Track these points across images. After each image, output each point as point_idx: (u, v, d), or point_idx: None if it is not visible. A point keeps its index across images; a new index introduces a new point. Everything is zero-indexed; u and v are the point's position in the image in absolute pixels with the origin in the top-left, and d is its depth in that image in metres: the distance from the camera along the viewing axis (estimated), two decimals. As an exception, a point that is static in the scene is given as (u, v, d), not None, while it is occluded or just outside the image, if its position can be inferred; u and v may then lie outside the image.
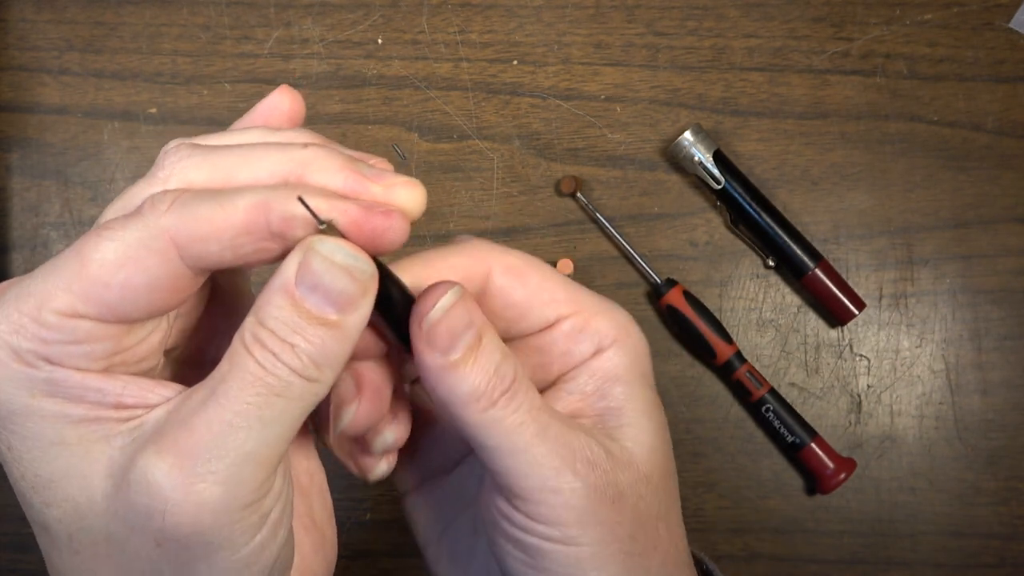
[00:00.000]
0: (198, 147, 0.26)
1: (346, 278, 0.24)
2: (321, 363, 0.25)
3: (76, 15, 0.57)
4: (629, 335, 0.31)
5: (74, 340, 0.24)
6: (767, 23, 0.57)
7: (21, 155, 0.56)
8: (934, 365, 0.56)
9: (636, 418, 0.30)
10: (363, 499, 0.55)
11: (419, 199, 0.26)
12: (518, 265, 0.30)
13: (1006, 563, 0.55)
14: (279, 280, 0.24)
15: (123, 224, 0.24)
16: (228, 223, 0.24)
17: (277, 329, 0.24)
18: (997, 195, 0.56)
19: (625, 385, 0.30)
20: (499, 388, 0.27)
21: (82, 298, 0.24)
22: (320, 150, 0.26)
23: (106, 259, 0.24)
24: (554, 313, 0.30)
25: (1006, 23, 0.57)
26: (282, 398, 0.24)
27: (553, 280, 0.31)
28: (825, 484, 0.53)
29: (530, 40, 0.57)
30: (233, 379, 0.24)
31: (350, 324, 0.25)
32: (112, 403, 0.25)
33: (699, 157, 0.54)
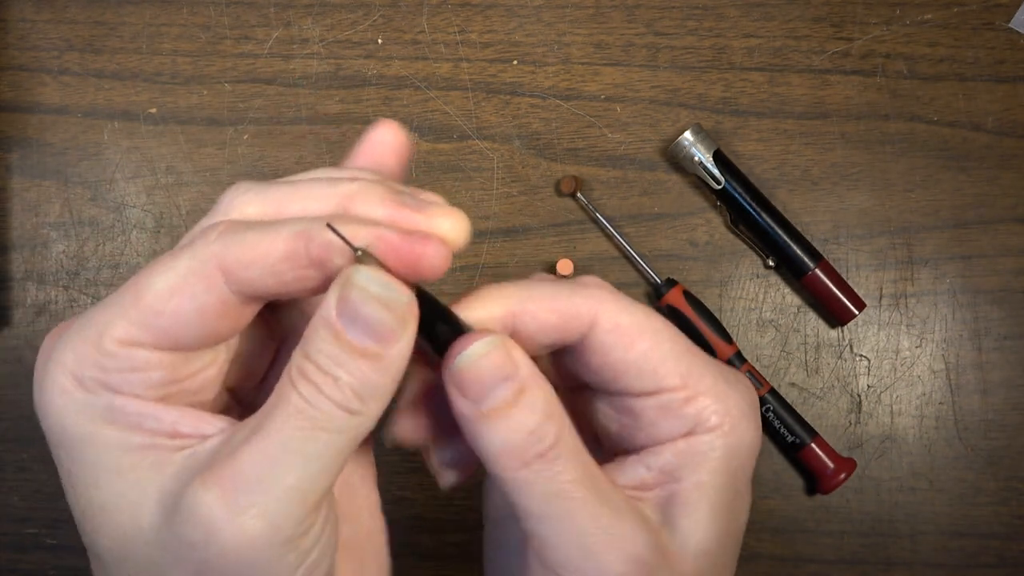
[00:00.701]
0: (255, 184, 0.27)
1: (383, 309, 0.24)
2: (364, 395, 0.25)
3: (76, 15, 0.57)
4: (733, 427, 0.29)
5: (132, 368, 0.25)
6: (767, 23, 0.57)
7: (21, 155, 0.56)
8: (934, 365, 0.56)
9: (701, 517, 0.28)
10: (363, 499, 0.55)
11: (461, 228, 0.26)
12: (628, 327, 0.29)
13: (1006, 563, 0.55)
14: (322, 312, 0.25)
15: (175, 255, 0.25)
16: (270, 250, 0.25)
17: (321, 362, 0.24)
18: (997, 195, 0.56)
19: (704, 476, 0.28)
20: (534, 450, 0.26)
21: (138, 326, 0.25)
22: (366, 183, 0.26)
23: (158, 288, 0.25)
24: (655, 384, 0.29)
25: (1006, 23, 0.57)
26: (325, 432, 0.24)
27: (665, 349, 0.29)
28: (825, 484, 0.53)
29: (530, 40, 0.57)
30: (278, 412, 0.24)
31: (392, 356, 0.25)
32: (167, 431, 0.26)
33: (699, 157, 0.54)
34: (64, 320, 0.27)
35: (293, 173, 0.59)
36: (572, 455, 0.27)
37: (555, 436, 0.26)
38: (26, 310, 0.56)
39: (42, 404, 0.25)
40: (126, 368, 0.25)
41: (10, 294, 0.56)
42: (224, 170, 0.56)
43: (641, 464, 0.29)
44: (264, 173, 0.56)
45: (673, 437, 0.29)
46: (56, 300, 0.56)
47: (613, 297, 0.29)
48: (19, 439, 0.55)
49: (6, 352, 0.55)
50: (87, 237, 0.56)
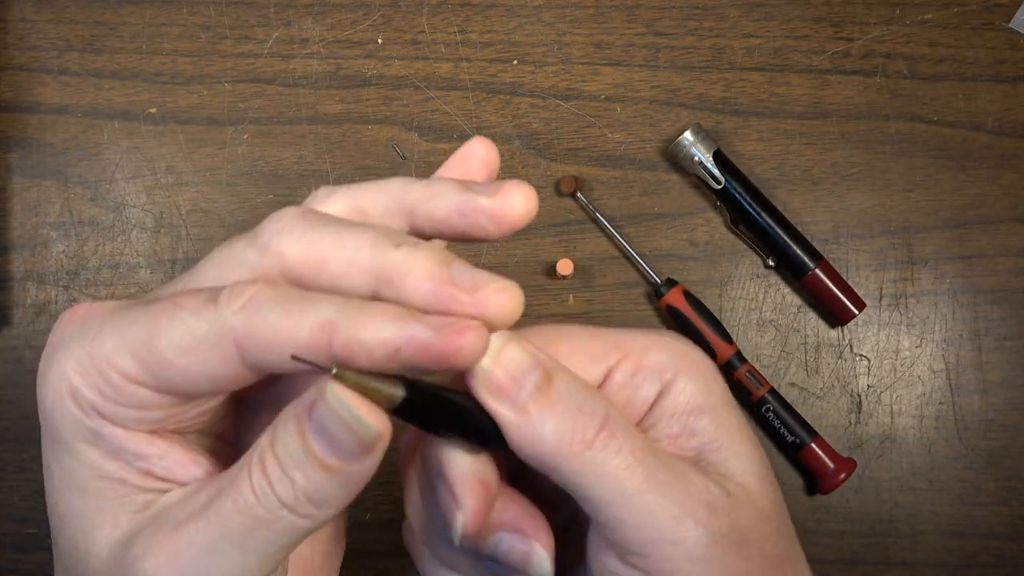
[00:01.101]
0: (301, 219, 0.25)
1: (349, 435, 0.23)
2: (317, 501, 0.24)
3: (76, 15, 0.57)
4: (691, 361, 0.28)
5: (130, 404, 0.25)
6: (767, 23, 0.57)
7: (21, 155, 0.56)
8: (934, 365, 0.56)
9: (737, 447, 0.27)
10: (363, 499, 0.54)
11: (513, 308, 0.24)
12: (539, 342, 0.27)
13: (1006, 563, 0.55)
14: (297, 409, 0.24)
15: (198, 310, 0.24)
16: (291, 338, 0.24)
17: (282, 458, 0.24)
18: (997, 195, 0.56)
19: (710, 413, 0.28)
20: (592, 427, 0.25)
21: (144, 368, 0.24)
22: (413, 251, 0.25)
23: (172, 341, 0.24)
24: (600, 368, 0.28)
25: (1006, 23, 0.57)
26: (268, 531, 0.24)
27: (586, 338, 0.28)
28: (825, 484, 0.53)
29: (530, 40, 0.57)
30: (226, 499, 0.24)
31: (352, 472, 0.24)
32: (141, 469, 0.25)
33: (699, 157, 0.54)
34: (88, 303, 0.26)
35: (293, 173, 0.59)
36: (626, 425, 0.26)
37: (605, 409, 0.25)
38: (26, 310, 0.56)
39: (40, 396, 0.25)
40: (124, 403, 0.25)
41: (10, 294, 0.56)
42: (224, 170, 0.56)
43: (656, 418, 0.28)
44: (264, 173, 0.56)
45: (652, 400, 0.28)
46: (56, 300, 0.56)
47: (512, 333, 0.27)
48: (19, 439, 0.55)
49: (6, 352, 0.55)
50: (87, 237, 0.56)
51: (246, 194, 0.56)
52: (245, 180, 0.56)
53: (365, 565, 0.55)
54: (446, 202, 0.26)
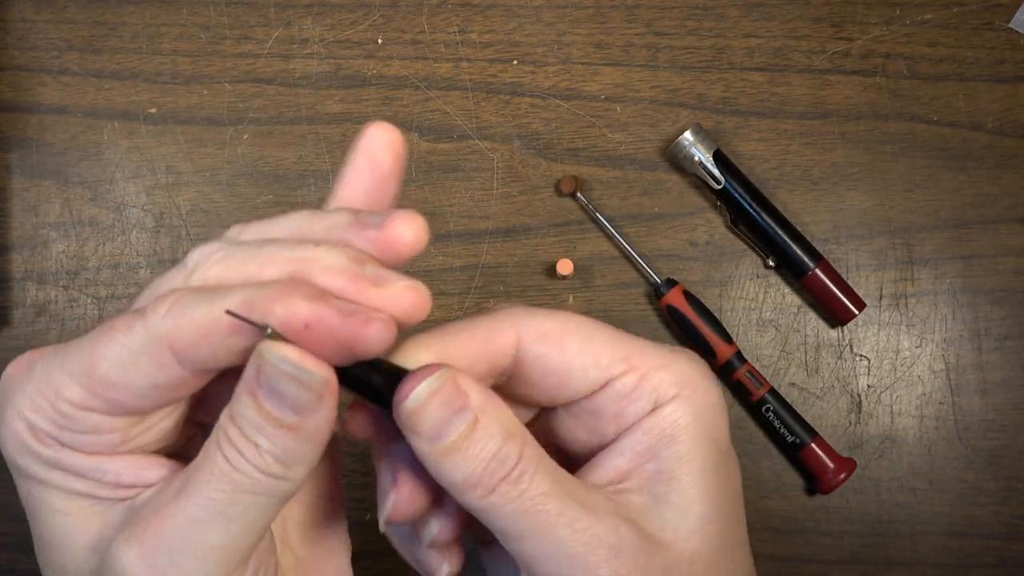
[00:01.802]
0: (226, 244, 0.27)
1: (296, 386, 0.24)
2: (286, 461, 0.25)
3: (76, 15, 0.57)
4: (694, 391, 0.28)
5: (84, 430, 0.25)
6: (767, 23, 0.57)
7: (21, 155, 0.56)
8: (934, 365, 0.56)
9: (688, 485, 0.28)
10: (363, 499, 0.55)
11: (420, 305, 0.25)
12: (552, 330, 0.28)
13: (1006, 563, 0.55)
14: (245, 378, 0.25)
15: (129, 326, 0.25)
16: (216, 325, 0.24)
17: (243, 427, 0.25)
18: (997, 195, 0.56)
19: (680, 445, 0.28)
20: (498, 474, 0.26)
21: (91, 395, 0.25)
22: (326, 250, 0.26)
23: (111, 361, 0.25)
24: (602, 375, 0.28)
25: (1006, 23, 0.57)
26: (247, 494, 0.25)
27: (599, 339, 0.29)
28: (825, 484, 0.53)
29: (530, 40, 0.57)
30: (202, 473, 0.25)
31: (311, 425, 0.25)
32: (110, 482, 0.26)
33: (699, 157, 0.54)
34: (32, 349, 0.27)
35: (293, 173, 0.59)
36: (538, 468, 0.26)
37: (517, 454, 0.26)
38: (26, 310, 0.56)
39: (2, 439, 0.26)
40: (79, 430, 0.25)
41: (10, 294, 0.56)
42: (224, 170, 0.56)
43: (614, 454, 0.29)
44: (264, 173, 0.56)
45: (640, 417, 0.28)
46: (56, 300, 0.56)
47: (528, 311, 0.29)
48: (19, 439, 0.55)
49: (6, 352, 0.55)
50: (87, 237, 0.56)
51: (246, 194, 0.56)
52: (245, 180, 0.56)
53: (365, 565, 0.55)
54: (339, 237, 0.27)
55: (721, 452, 0.29)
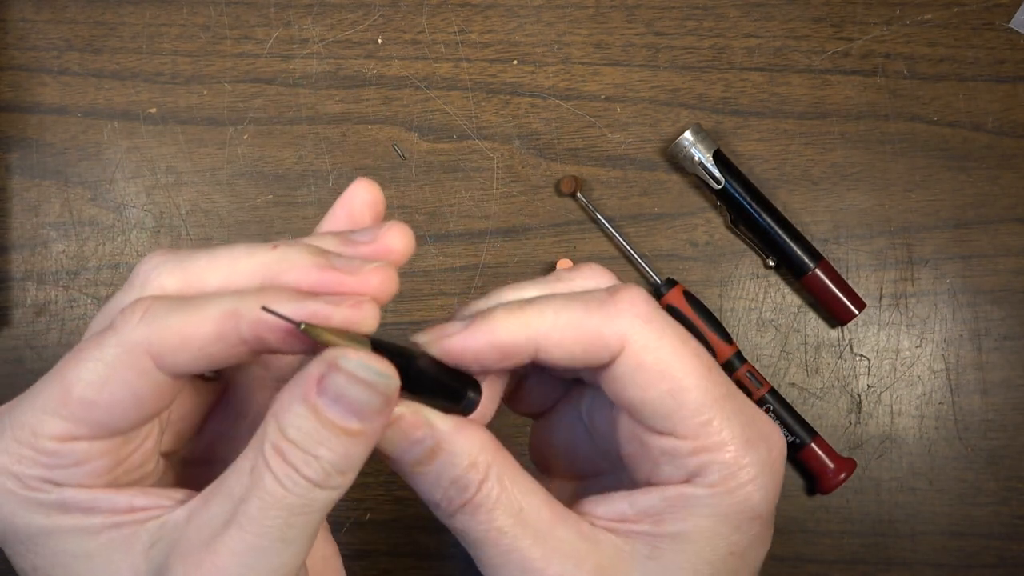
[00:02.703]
0: (172, 254, 0.27)
1: (370, 392, 0.24)
2: (344, 468, 0.25)
3: (76, 15, 0.57)
4: (736, 488, 0.27)
5: (74, 462, 0.25)
6: (767, 23, 0.57)
7: (21, 155, 0.56)
8: (934, 365, 0.56)
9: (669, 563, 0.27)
10: (363, 499, 0.55)
11: (391, 284, 0.26)
12: (651, 367, 0.27)
13: (1006, 563, 0.55)
14: (299, 390, 0.24)
15: (99, 342, 0.25)
16: (199, 333, 0.25)
17: (299, 440, 0.24)
18: (997, 195, 0.56)
19: (687, 527, 0.27)
20: (457, 500, 0.27)
21: (72, 421, 0.25)
22: (288, 249, 0.26)
23: (88, 379, 0.25)
24: (666, 427, 0.27)
25: (1006, 23, 0.57)
26: (303, 516, 0.24)
27: (687, 396, 0.27)
28: (825, 484, 0.53)
29: (530, 40, 0.57)
30: (254, 500, 0.24)
31: (373, 431, 0.25)
32: (125, 507, 0.26)
33: (699, 157, 0.54)
34: None
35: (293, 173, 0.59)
36: (500, 501, 0.27)
37: (476, 485, 0.27)
38: (26, 310, 0.56)
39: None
40: (70, 463, 0.25)
41: (10, 294, 0.56)
42: (224, 170, 0.56)
43: (626, 501, 0.28)
44: (264, 173, 0.56)
45: (672, 482, 0.28)
46: (56, 300, 0.56)
47: (645, 325, 0.27)
48: (19, 439, 0.55)
49: (6, 352, 0.55)
50: (87, 237, 0.56)
51: (246, 194, 0.56)
52: (245, 180, 0.56)
53: (365, 565, 0.55)
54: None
55: (729, 554, 0.28)
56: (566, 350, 0.27)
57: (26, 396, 0.25)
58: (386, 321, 0.54)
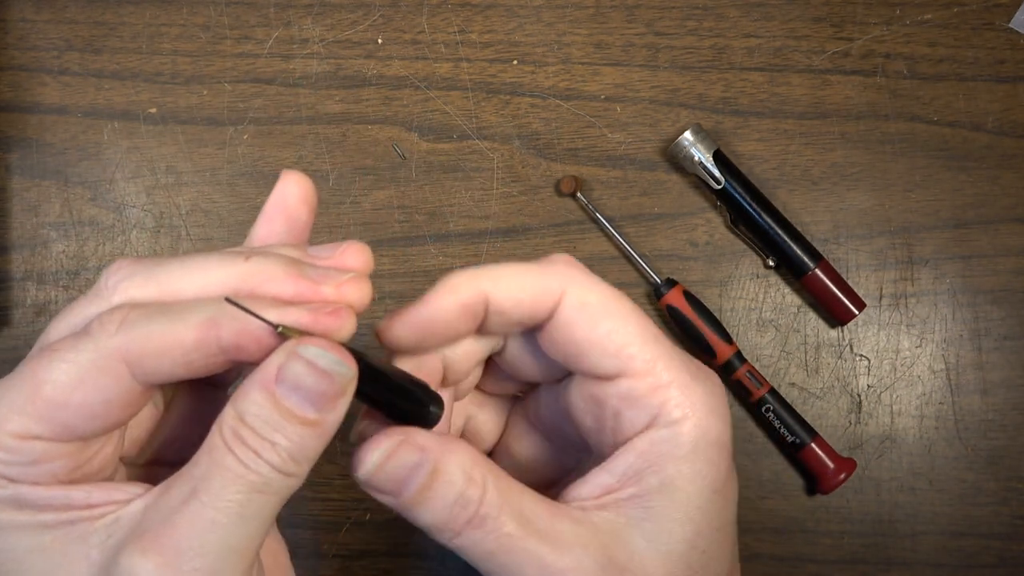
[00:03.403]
0: (140, 263, 0.27)
1: (327, 381, 0.25)
2: (299, 459, 0.25)
3: (76, 15, 0.57)
4: (698, 422, 0.28)
5: (32, 461, 0.25)
6: (767, 23, 0.57)
7: (21, 155, 0.56)
8: (934, 365, 0.56)
9: (663, 516, 0.28)
10: (363, 499, 0.55)
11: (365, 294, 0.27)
12: (592, 304, 0.29)
13: (1006, 563, 0.55)
14: (259, 377, 0.25)
15: (74, 345, 0.25)
16: (178, 341, 0.25)
17: (257, 426, 0.25)
18: (997, 195, 0.56)
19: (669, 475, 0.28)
20: (462, 518, 0.27)
21: (36, 420, 0.25)
22: (262, 260, 0.26)
23: (59, 381, 0.25)
24: (617, 366, 0.29)
25: (1006, 23, 0.57)
26: (262, 494, 0.25)
27: (633, 332, 0.29)
28: (825, 484, 0.53)
29: (530, 40, 0.57)
30: (214, 476, 0.24)
31: (329, 422, 0.25)
32: (80, 505, 0.25)
33: (699, 157, 0.54)
34: None
35: (293, 173, 0.58)
36: (503, 508, 0.27)
37: (479, 498, 0.27)
38: (26, 310, 0.56)
39: None
40: (28, 462, 0.25)
41: (10, 294, 0.56)
42: (224, 170, 0.56)
43: (604, 471, 0.29)
44: (264, 173, 0.56)
45: (637, 430, 0.29)
46: (56, 300, 0.56)
47: (582, 275, 0.30)
48: (19, 439, 0.55)
49: (6, 352, 0.56)
50: (87, 237, 0.56)
51: (246, 194, 0.56)
52: (245, 180, 0.56)
53: (365, 565, 0.55)
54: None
55: (713, 489, 0.29)
56: (513, 297, 0.29)
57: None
58: (386, 321, 0.54)
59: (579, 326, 0.29)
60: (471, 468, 0.28)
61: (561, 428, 0.34)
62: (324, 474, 0.54)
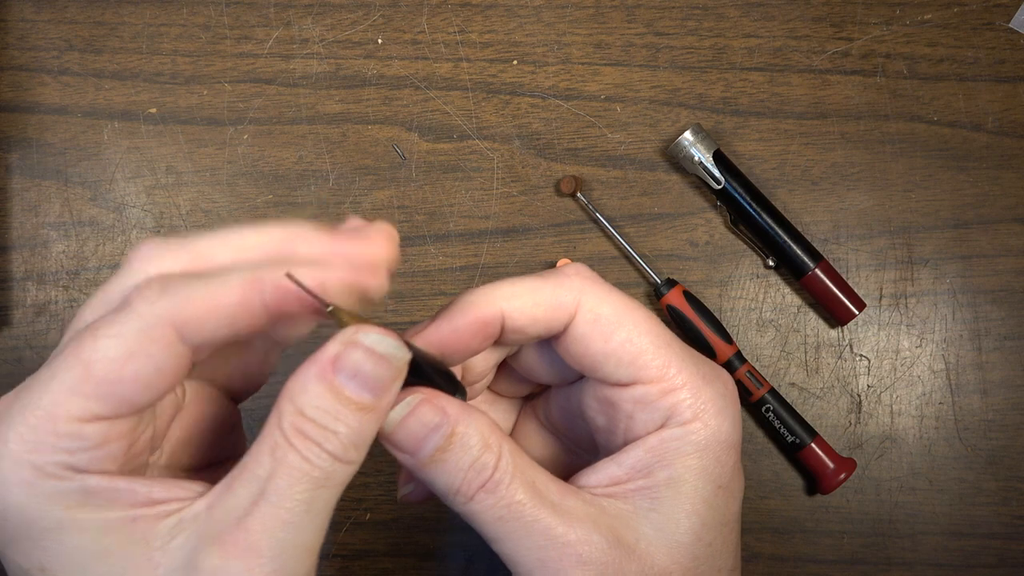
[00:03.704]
0: (169, 239, 0.27)
1: (384, 366, 0.26)
2: (359, 445, 0.26)
3: (76, 15, 0.57)
4: (707, 422, 0.29)
5: (95, 444, 0.25)
6: (767, 23, 0.57)
7: (21, 155, 0.56)
8: (934, 365, 0.56)
9: (669, 508, 0.29)
10: (363, 499, 0.55)
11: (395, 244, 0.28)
12: (606, 317, 0.30)
13: (1006, 563, 0.55)
14: (316, 369, 0.25)
15: (117, 319, 0.25)
16: (224, 302, 0.25)
17: (318, 417, 0.25)
18: (997, 195, 0.56)
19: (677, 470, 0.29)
20: (476, 482, 0.28)
21: (95, 399, 0.24)
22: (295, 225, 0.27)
23: (111, 356, 0.24)
24: (631, 375, 0.29)
25: (1006, 23, 0.57)
26: (325, 488, 0.25)
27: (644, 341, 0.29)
28: (825, 484, 0.53)
29: (530, 40, 0.57)
30: (280, 476, 0.25)
31: (384, 406, 0.26)
32: (144, 501, 0.25)
33: (699, 157, 0.54)
34: None
35: (293, 173, 0.59)
36: (516, 476, 0.28)
37: (494, 464, 0.28)
38: (26, 310, 0.56)
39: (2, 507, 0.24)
40: (91, 445, 0.24)
41: (10, 294, 0.56)
42: (224, 170, 0.56)
43: (613, 463, 0.30)
44: (264, 173, 0.56)
45: (648, 431, 0.29)
46: (56, 300, 0.56)
47: (595, 287, 0.30)
48: (19, 439, 0.55)
49: (6, 352, 0.55)
50: (87, 237, 0.56)
51: (246, 194, 0.56)
52: (245, 180, 0.56)
53: (365, 565, 0.55)
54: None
55: (719, 486, 0.30)
56: (528, 314, 0.30)
57: (36, 381, 0.25)
58: (386, 321, 0.54)
59: (594, 338, 0.30)
60: (488, 435, 0.28)
61: (571, 428, 0.35)
62: (324, 474, 0.54)
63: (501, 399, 0.37)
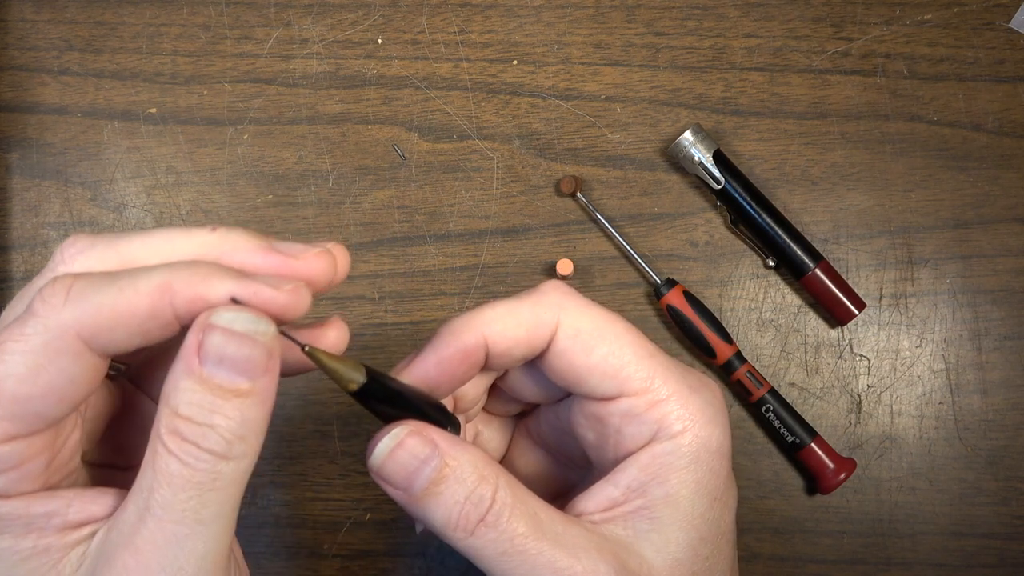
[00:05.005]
0: (99, 236, 0.26)
1: (250, 344, 0.23)
2: (244, 434, 0.24)
3: (76, 15, 0.57)
4: (697, 433, 0.29)
5: (12, 465, 0.24)
6: (767, 23, 0.57)
7: (21, 155, 0.56)
8: (934, 365, 0.56)
9: (668, 526, 0.28)
10: (362, 499, 0.55)
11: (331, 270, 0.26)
12: (587, 331, 0.29)
13: (1006, 563, 0.55)
14: (181, 364, 0.23)
15: (21, 330, 0.23)
16: (131, 311, 0.23)
17: (193, 415, 0.23)
18: (997, 195, 0.56)
19: (672, 487, 0.29)
20: (474, 516, 0.27)
21: (7, 420, 0.23)
22: (229, 232, 0.26)
23: (18, 374, 0.23)
24: (616, 388, 0.29)
25: (1006, 23, 0.57)
26: (215, 491, 0.23)
27: (626, 353, 0.29)
28: (825, 484, 0.53)
29: (530, 40, 0.57)
30: (162, 485, 0.23)
31: (264, 387, 0.24)
32: (59, 526, 0.24)
33: (699, 157, 0.54)
34: None
35: (293, 173, 0.59)
36: (515, 508, 0.27)
37: (491, 496, 0.27)
38: (26, 310, 0.56)
39: None
40: (8, 467, 0.23)
41: (10, 294, 0.56)
42: (224, 170, 0.56)
43: (609, 484, 0.29)
44: (264, 173, 0.56)
45: (639, 445, 0.29)
46: (56, 300, 0.56)
47: (573, 302, 0.30)
48: (19, 439, 0.55)
49: (6, 352, 0.55)
50: (87, 237, 0.56)
51: (246, 194, 0.56)
52: (245, 180, 0.56)
53: (364, 565, 0.55)
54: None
55: (714, 497, 0.29)
56: (511, 336, 0.29)
57: None
58: (387, 321, 0.54)
59: (576, 353, 0.29)
60: (483, 466, 0.27)
61: (563, 445, 0.35)
62: (324, 474, 0.54)
63: (495, 418, 0.37)
